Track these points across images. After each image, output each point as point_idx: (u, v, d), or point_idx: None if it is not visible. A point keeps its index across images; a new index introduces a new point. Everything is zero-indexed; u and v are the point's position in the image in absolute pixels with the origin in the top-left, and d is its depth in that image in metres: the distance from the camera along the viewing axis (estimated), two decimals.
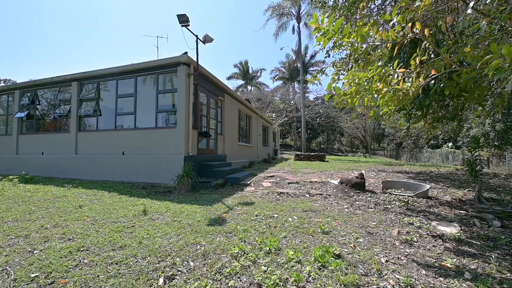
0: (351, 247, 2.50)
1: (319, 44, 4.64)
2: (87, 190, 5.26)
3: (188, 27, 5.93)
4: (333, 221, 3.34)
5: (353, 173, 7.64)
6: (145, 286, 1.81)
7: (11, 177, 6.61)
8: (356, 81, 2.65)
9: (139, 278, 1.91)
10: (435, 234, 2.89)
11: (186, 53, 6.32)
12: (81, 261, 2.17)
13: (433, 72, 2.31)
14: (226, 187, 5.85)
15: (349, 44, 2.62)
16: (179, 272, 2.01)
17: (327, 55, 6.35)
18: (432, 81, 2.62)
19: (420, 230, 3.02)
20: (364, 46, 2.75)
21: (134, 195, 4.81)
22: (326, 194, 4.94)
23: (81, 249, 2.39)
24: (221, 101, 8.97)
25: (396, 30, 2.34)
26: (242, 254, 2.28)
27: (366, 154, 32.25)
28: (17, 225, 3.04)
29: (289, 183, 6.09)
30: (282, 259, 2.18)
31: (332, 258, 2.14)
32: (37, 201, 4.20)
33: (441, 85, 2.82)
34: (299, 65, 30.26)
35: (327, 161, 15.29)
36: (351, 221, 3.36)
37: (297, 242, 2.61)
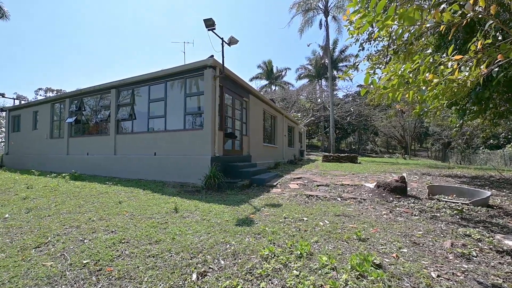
0: (393, 257, 2.33)
1: (352, 37, 4.43)
2: (125, 187, 5.75)
3: (214, 30, 6.14)
4: (370, 227, 3.16)
5: (391, 176, 7.14)
6: (179, 280, 1.91)
7: (63, 174, 7.54)
8: (399, 73, 2.45)
9: (174, 272, 2.03)
10: (500, 249, 2.54)
11: (212, 56, 6.55)
12: (123, 252, 2.38)
13: (499, 57, 2.01)
14: (251, 188, 5.91)
15: (387, 34, 2.45)
16: (211, 270, 2.08)
17: (360, 48, 6.04)
18: (496, 69, 2.28)
19: (480, 244, 2.69)
20: (406, 35, 2.54)
21: (165, 194, 5.12)
22: (361, 198, 4.69)
23: (123, 241, 2.62)
24: (246, 102, 9.11)
25: (452, 10, 2.06)
26: (272, 256, 2.28)
27: (406, 155, 29.86)
28: (70, 216, 3.45)
29: (318, 186, 5.91)
30: (315, 265, 2.12)
31: (372, 268, 2.02)
32: (85, 196, 4.72)
33: (510, 73, 2.46)
34: (327, 61, 29.30)
35: (359, 163, 14.52)
36: (391, 228, 3.14)
37: (330, 247, 2.52)
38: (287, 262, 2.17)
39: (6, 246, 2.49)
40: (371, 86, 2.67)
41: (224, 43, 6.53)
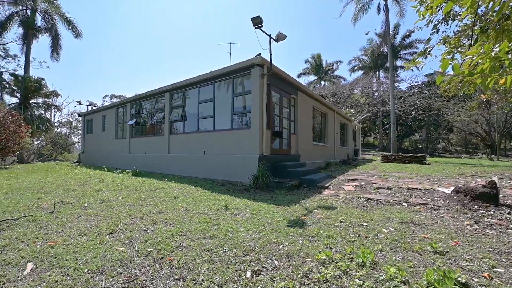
0: (484, 277, 1.97)
1: (423, 18, 3.90)
2: (178, 184, 6.33)
3: (261, 28, 6.23)
4: (448, 239, 2.74)
5: (474, 181, 6.07)
6: (234, 276, 2.00)
7: (127, 171, 8.76)
8: (492, 54, 2.06)
9: (228, 267, 2.13)
10: None
11: (259, 54, 6.67)
12: (181, 244, 2.62)
13: None
14: (301, 189, 5.81)
15: (473, 10, 2.08)
16: (264, 269, 2.11)
17: (434, 30, 5.27)
18: None
19: None
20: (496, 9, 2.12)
21: (215, 191, 5.44)
22: (434, 205, 4.11)
23: (180, 233, 2.88)
24: (294, 99, 8.98)
25: None
26: (330, 261, 2.18)
27: (493, 155, 24.93)
28: (134, 208, 3.98)
29: (377, 188, 5.43)
30: (381, 276, 1.95)
31: (456, 287, 1.75)
32: (145, 191, 5.38)
33: None
34: (386, 49, 26.74)
35: (428, 164, 12.79)
36: (478, 242, 2.66)
37: (398, 258, 2.28)
38: (347, 270, 2.04)
39: (87, 231, 3.01)
40: (450, 73, 2.31)
41: (271, 40, 6.58)
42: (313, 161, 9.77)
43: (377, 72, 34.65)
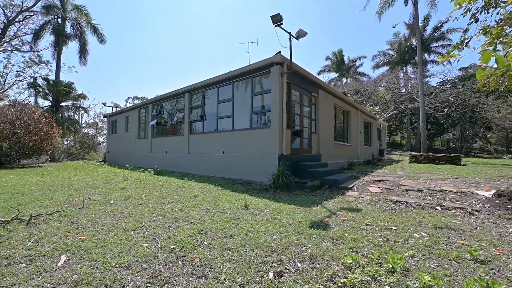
0: None
1: (460, 7, 3.63)
2: (198, 183, 6.48)
3: (281, 26, 6.19)
4: (490, 247, 2.53)
5: None
6: (256, 276, 2.00)
7: (149, 169, 9.14)
8: None
9: (250, 268, 2.13)
10: None
11: (279, 52, 6.63)
12: (202, 242, 2.67)
13: None
14: (323, 189, 5.69)
15: None
16: (287, 270, 2.09)
17: (472, 20, 4.88)
18: None
19: None
20: None
21: (234, 191, 5.50)
22: (472, 209, 3.82)
23: (201, 232, 2.94)
24: (315, 98, 8.82)
25: None
26: (357, 266, 2.11)
27: None
28: (156, 206, 4.13)
29: (406, 190, 5.16)
30: (414, 284, 1.84)
31: None
32: (166, 189, 5.57)
33: None
34: (414, 42, 25.32)
35: (463, 165, 11.93)
36: None
37: (432, 265, 2.15)
38: (376, 275, 1.96)
39: (113, 227, 3.17)
40: (491, 65, 2.14)
41: (291, 37, 6.52)
42: (335, 161, 9.53)
43: (404, 67, 32.96)
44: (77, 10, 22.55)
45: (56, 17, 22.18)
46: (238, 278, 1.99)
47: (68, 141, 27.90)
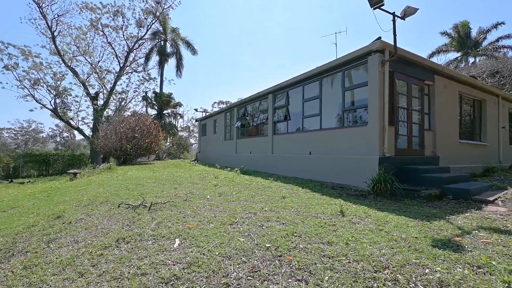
0: None
1: None
2: (284, 184, 6.61)
3: (381, 7, 5.61)
4: None
5: None
6: None
7: (235, 169, 10.04)
8: None
9: (357, 281, 1.97)
10: None
11: (379, 38, 6.01)
12: (297, 245, 2.67)
13: None
14: (444, 200, 4.76)
15: None
16: None
17: None
18: None
19: None
20: None
21: (325, 194, 5.29)
22: None
23: (295, 234, 2.96)
24: (429, 87, 7.48)
25: None
26: None
27: None
28: (247, 204, 4.45)
29: None
30: None
31: None
32: (254, 188, 5.94)
33: None
34: None
35: None
36: None
37: None
38: None
39: (212, 219, 3.60)
40: None
41: (395, 18, 5.79)
42: (461, 165, 7.75)
43: None
44: (173, 32, 27.92)
45: (159, 40, 28.01)
46: None
47: (168, 143, 34.10)
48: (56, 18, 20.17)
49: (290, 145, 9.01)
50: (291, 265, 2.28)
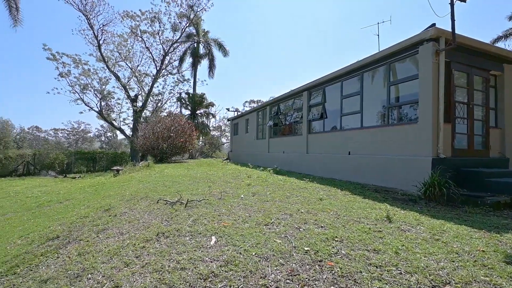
0: None
1: None
2: (321, 185, 6.39)
3: None
4: None
5: None
6: None
7: (268, 169, 10.01)
8: None
9: None
10: None
11: (433, 25, 5.50)
12: (339, 250, 2.53)
13: None
14: None
15: None
16: None
17: None
18: None
19: None
20: None
21: (367, 197, 4.99)
22: None
23: (335, 239, 2.81)
24: (496, 77, 6.65)
25: None
26: None
27: None
28: (282, 204, 4.38)
29: None
30: None
31: None
32: (288, 189, 5.84)
33: None
34: None
35: None
36: None
37: None
38: None
39: (247, 219, 3.60)
40: None
41: (454, 0, 5.25)
42: None
43: None
44: (205, 34, 29.00)
45: (193, 42, 29.27)
46: None
47: (201, 142, 35.41)
48: (101, 28, 22.19)
49: (326, 145, 8.71)
50: (333, 272, 2.17)
